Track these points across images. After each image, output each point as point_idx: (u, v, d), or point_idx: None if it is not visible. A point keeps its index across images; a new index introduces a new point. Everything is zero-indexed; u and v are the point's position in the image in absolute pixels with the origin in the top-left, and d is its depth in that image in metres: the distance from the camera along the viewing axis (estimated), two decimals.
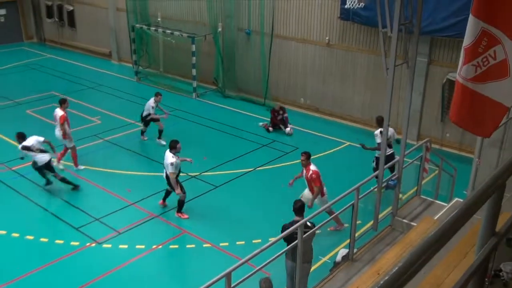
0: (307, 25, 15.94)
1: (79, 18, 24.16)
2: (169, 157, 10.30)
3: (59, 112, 12.27)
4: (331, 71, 15.84)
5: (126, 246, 9.68)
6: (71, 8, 24.14)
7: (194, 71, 18.11)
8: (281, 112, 15.08)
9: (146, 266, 9.21)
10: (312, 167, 9.56)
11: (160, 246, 9.72)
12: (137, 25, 19.71)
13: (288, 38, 16.49)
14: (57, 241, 9.81)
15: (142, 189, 11.74)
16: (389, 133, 9.99)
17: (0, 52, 24.41)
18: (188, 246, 9.77)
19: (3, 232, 10.07)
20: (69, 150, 12.54)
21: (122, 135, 14.81)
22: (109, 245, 9.73)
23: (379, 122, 10.55)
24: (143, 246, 9.69)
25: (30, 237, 9.92)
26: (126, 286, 8.65)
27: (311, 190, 9.60)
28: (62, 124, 12.09)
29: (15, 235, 9.99)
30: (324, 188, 9.69)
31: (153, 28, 19.21)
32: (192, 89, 18.36)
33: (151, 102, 14.05)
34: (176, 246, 9.76)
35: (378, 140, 10.54)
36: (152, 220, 10.56)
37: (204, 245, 9.76)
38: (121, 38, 22.17)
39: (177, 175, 10.44)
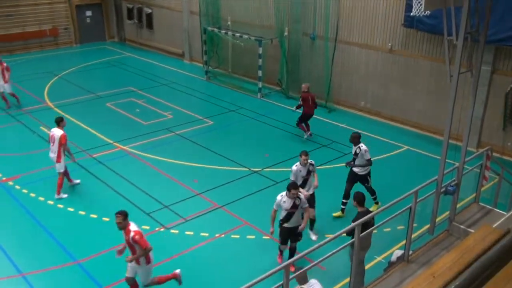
0: (370, 31, 16.20)
1: (156, 20, 25.60)
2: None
3: (57, 131, 11.45)
4: (393, 77, 16.00)
5: (191, 233, 10.41)
6: (149, 10, 25.64)
7: (259, 73, 18.81)
8: (310, 98, 14.84)
9: (209, 253, 9.85)
10: (133, 227, 7.90)
11: (223, 235, 10.35)
12: (209, 28, 20.68)
13: (351, 43, 16.80)
14: None
15: (208, 181, 12.51)
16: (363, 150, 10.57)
17: (86, 50, 26.49)
18: (248, 237, 10.34)
19: (83, 212, 11.13)
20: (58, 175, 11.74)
21: (191, 130, 15.72)
22: (176, 231, 10.51)
23: (357, 139, 10.75)
24: (206, 234, 10.38)
25: (106, 219, 10.88)
26: (190, 270, 9.26)
27: (133, 253, 7.88)
28: (64, 144, 11.40)
29: (93, 216, 11.01)
30: (151, 254, 8.06)
31: (224, 31, 20.09)
32: (257, 89, 19.07)
33: None
34: (237, 236, 10.35)
35: (368, 156, 10.66)
36: (216, 210, 11.27)
37: (264, 237, 10.30)
38: (193, 39, 23.34)
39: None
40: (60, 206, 11.37)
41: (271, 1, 18.63)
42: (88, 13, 27.61)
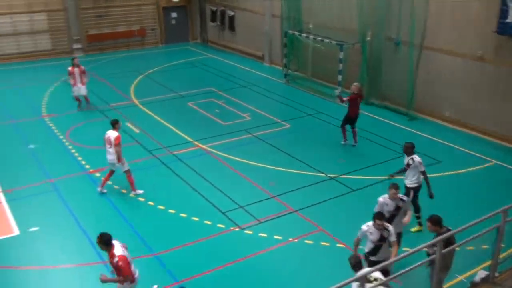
0: (458, 37, 15.45)
1: (238, 23, 26.04)
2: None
3: (113, 133, 11.68)
4: (481, 86, 15.15)
5: (265, 235, 10.46)
6: (232, 13, 26.14)
7: (339, 77, 18.56)
8: (359, 100, 14.55)
9: (281, 257, 9.84)
10: (117, 251, 7.45)
11: (296, 240, 10.30)
12: (290, 31, 20.71)
13: (437, 49, 16.11)
14: (206, 222, 10.92)
15: (284, 184, 12.51)
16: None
17: (170, 50, 27.49)
18: (322, 243, 10.22)
19: (162, 207, 11.51)
20: (120, 173, 12.03)
21: (269, 132, 15.81)
22: (250, 232, 10.59)
23: (410, 150, 10.23)
24: (280, 237, 10.38)
25: (183, 215, 11.19)
26: (262, 272, 9.33)
27: (117, 275, 7.53)
28: (117, 145, 11.58)
29: (172, 211, 11.35)
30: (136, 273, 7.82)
31: (304, 35, 20.04)
32: (335, 94, 18.79)
33: None
34: (311, 242, 10.26)
35: (423, 168, 10.11)
36: (291, 214, 11.24)
37: (338, 245, 10.14)
38: (274, 42, 23.49)
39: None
40: (141, 199, 11.83)
41: (354, 5, 18.34)
42: (174, 15, 28.65)
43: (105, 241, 7.47)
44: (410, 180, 10.33)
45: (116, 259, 7.35)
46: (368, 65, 18.21)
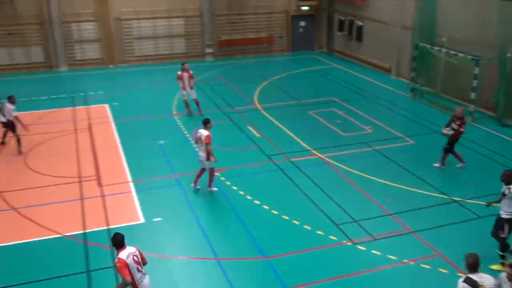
0: None
1: (366, 33, 25.59)
2: None
3: (204, 132, 12.03)
4: None
5: (379, 253, 10.09)
6: (361, 23, 25.76)
7: (473, 95, 17.38)
8: (458, 122, 13.27)
9: (394, 278, 9.41)
10: (122, 254, 7.38)
11: (411, 262, 9.79)
12: (421, 44, 19.86)
13: None
14: (318, 232, 10.84)
15: (403, 202, 11.99)
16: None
17: (295, 58, 27.89)
18: (440, 269, 9.59)
19: (276, 212, 11.64)
20: (207, 171, 12.47)
21: (390, 147, 15.29)
22: (363, 248, 10.29)
23: (509, 178, 9.38)
24: (394, 257, 9.94)
25: (296, 222, 11.20)
26: None
27: None
28: (207, 144, 11.87)
29: (285, 217, 11.43)
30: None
31: (437, 48, 19.08)
32: (467, 112, 17.61)
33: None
34: (428, 267, 9.68)
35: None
36: (408, 234, 10.72)
37: (458, 274, 9.45)
38: (402, 55, 22.70)
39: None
40: (257, 202, 12.08)
41: (495, 18, 17.08)
42: (302, 23, 28.99)
43: (114, 242, 7.51)
44: (505, 211, 9.50)
45: (116, 261, 7.40)
46: (508, 82, 16.80)
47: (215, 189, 12.59)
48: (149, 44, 26.35)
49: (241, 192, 12.55)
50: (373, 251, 10.16)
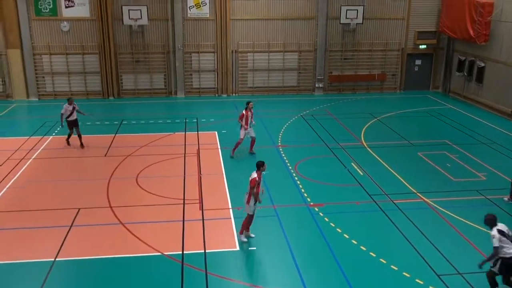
0: None
1: (488, 75, 24.14)
2: None
3: (253, 174, 11.36)
4: None
5: None
6: (482, 64, 24.39)
7: None
8: None
9: None
10: None
11: None
12: None
13: None
14: (417, 280, 10.23)
15: None
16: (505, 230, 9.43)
17: (407, 97, 27.09)
18: None
19: (373, 254, 11.20)
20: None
21: (505, 198, 14.11)
22: None
23: (490, 222, 9.65)
24: None
25: (394, 267, 10.69)
26: None
27: None
28: (252, 187, 11.26)
29: (383, 260, 10.96)
30: None
31: None
32: None
33: None
34: None
35: (496, 243, 9.30)
36: None
37: None
38: None
39: None
40: (354, 242, 11.73)
41: None
42: (418, 62, 28.14)
43: None
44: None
45: None
46: None
47: (252, 235, 11.83)
48: (262, 76, 27.20)
49: (339, 230, 12.29)
50: None
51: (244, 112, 17.01)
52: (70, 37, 25.46)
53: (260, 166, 11.50)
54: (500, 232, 9.40)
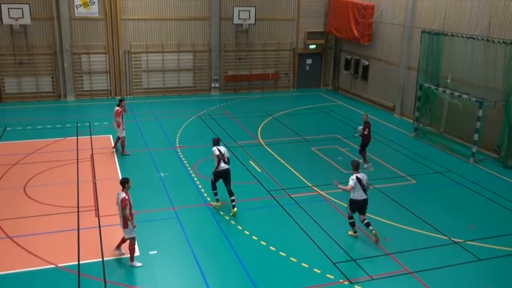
0: None
1: (372, 73, 25.87)
2: None
3: (120, 194, 10.40)
4: None
5: None
6: (367, 63, 26.08)
7: (476, 136, 17.36)
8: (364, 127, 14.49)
9: None
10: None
11: None
12: (426, 84, 20.00)
13: None
14: (315, 270, 10.66)
15: (401, 242, 11.85)
16: (364, 180, 11.63)
17: (300, 95, 28.14)
18: None
19: (273, 248, 11.50)
20: None
21: (391, 186, 15.20)
22: None
23: (355, 167, 11.84)
24: None
25: (293, 259, 11.05)
26: None
27: None
28: (124, 208, 10.20)
29: (282, 254, 11.27)
30: None
31: (441, 89, 19.17)
32: (470, 153, 17.59)
33: None
34: None
35: (351, 183, 11.55)
36: (406, 275, 10.53)
37: None
38: (406, 94, 22.90)
39: None
40: (255, 238, 11.95)
41: (501, 62, 17.24)
42: (309, 61, 29.36)
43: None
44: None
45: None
46: (511, 125, 16.80)
47: (139, 264, 10.65)
48: (158, 77, 26.73)
49: (239, 227, 12.45)
50: None
51: (119, 108, 17.16)
52: None
53: (125, 183, 10.48)
54: (358, 178, 11.56)
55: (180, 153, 17.75)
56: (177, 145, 18.70)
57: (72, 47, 24.85)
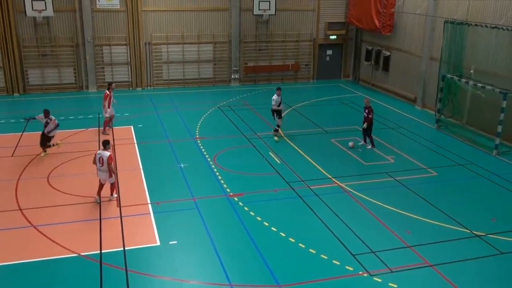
0: None
1: (393, 63, 25.57)
2: None
3: (105, 153, 13.02)
4: None
5: (395, 286, 9.85)
6: (388, 53, 25.77)
7: (499, 128, 17.07)
8: (366, 111, 13.83)
9: None
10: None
11: None
12: (448, 75, 19.70)
13: None
14: (334, 261, 10.67)
15: (422, 235, 11.76)
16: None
17: (320, 86, 27.98)
18: None
19: (293, 240, 11.52)
20: None
21: (412, 178, 15.06)
22: (379, 280, 10.07)
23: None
24: None
25: (312, 251, 11.07)
26: None
27: None
28: (110, 164, 12.99)
29: (301, 245, 11.30)
30: None
31: (464, 80, 18.87)
32: (493, 145, 17.31)
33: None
34: None
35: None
36: (426, 268, 10.46)
37: None
38: (428, 85, 22.56)
39: None
40: (274, 229, 12.00)
41: None
42: (329, 52, 29.15)
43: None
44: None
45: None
46: None
47: (116, 195, 13.46)
48: (178, 68, 26.85)
49: (258, 218, 12.50)
50: (390, 284, 9.94)
51: (107, 92, 18.59)
52: None
53: (106, 144, 12.94)
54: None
55: (200, 144, 17.85)
56: (197, 136, 18.80)
57: (93, 39, 25.11)
